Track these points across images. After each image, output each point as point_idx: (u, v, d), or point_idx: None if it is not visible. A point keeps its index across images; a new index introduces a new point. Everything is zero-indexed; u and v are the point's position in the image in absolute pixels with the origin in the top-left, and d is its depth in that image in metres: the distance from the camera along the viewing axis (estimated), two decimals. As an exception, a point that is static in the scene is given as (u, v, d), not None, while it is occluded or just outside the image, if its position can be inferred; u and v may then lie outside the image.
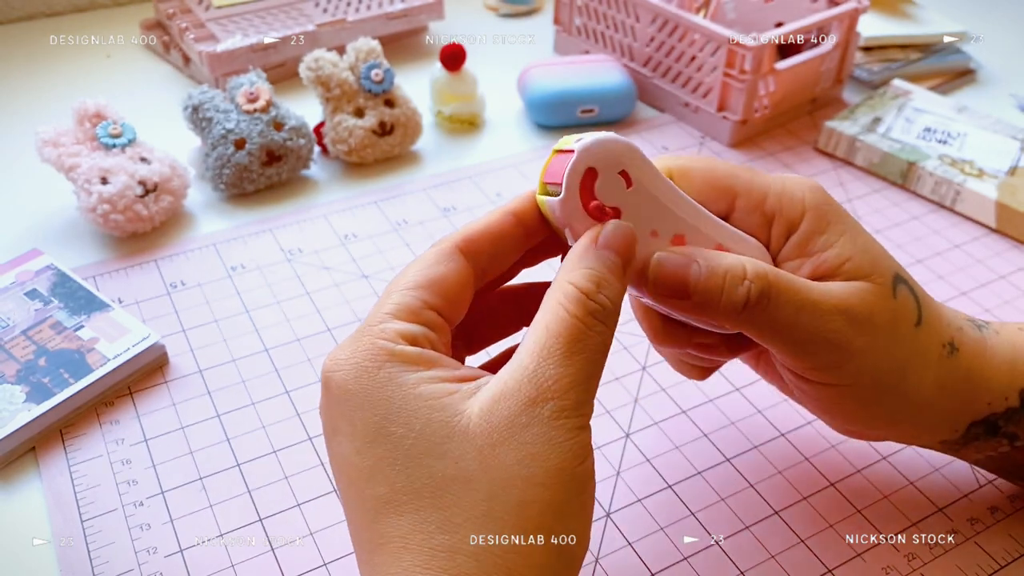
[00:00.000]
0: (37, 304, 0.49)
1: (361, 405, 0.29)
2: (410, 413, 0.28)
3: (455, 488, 0.27)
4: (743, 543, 0.40)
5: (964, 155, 0.64)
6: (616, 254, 0.30)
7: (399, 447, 0.28)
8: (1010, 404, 0.37)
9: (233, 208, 0.60)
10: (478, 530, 0.27)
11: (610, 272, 0.30)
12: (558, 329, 0.29)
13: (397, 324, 0.30)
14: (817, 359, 0.33)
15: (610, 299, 0.30)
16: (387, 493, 0.28)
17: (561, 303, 0.29)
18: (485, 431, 0.28)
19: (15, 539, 0.40)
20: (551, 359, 0.28)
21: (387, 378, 0.29)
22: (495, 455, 0.28)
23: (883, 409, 0.35)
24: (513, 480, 0.27)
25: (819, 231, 0.34)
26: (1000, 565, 0.40)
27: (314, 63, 0.61)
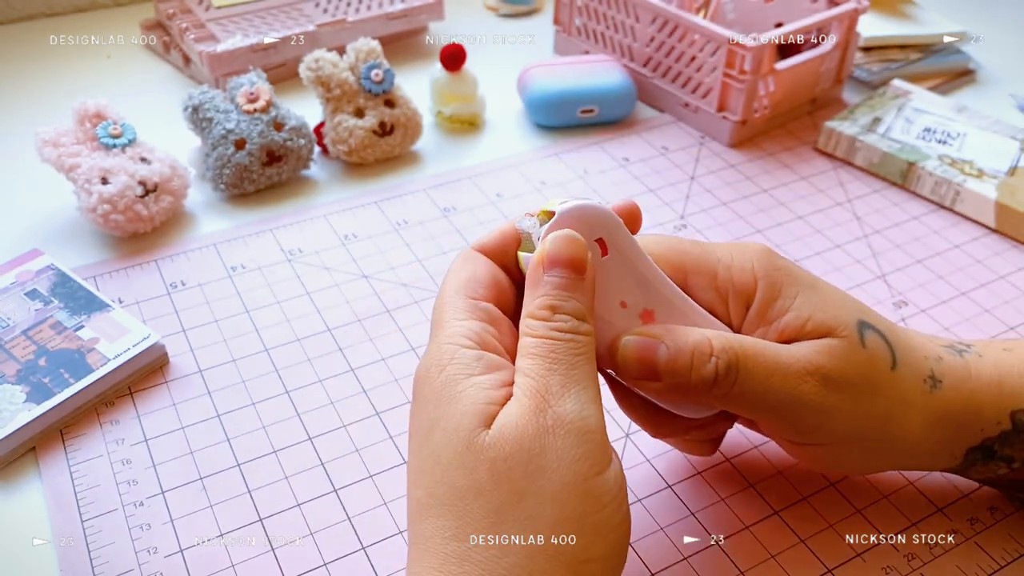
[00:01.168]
0: (37, 304, 0.49)
1: (421, 405, 0.31)
2: (450, 417, 0.30)
3: (468, 498, 0.29)
4: (743, 543, 0.40)
5: (964, 155, 0.64)
6: (564, 268, 0.31)
7: (435, 453, 0.30)
8: (1003, 428, 0.37)
9: (233, 208, 0.60)
10: (486, 539, 0.28)
11: (563, 289, 0.31)
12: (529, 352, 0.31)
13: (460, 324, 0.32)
14: (796, 423, 0.34)
15: (569, 313, 0.31)
16: (423, 497, 0.30)
17: (524, 332, 0.31)
18: (496, 445, 0.29)
19: (15, 539, 0.40)
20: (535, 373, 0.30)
21: (445, 380, 0.31)
22: (504, 468, 0.29)
23: (875, 456, 0.36)
24: (523, 495, 0.28)
25: (773, 298, 0.34)
26: (1000, 565, 0.40)
27: (314, 63, 0.61)
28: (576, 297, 0.31)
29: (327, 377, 0.48)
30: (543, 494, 0.28)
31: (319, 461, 0.43)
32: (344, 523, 0.41)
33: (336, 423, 0.45)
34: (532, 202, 0.61)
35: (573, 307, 0.31)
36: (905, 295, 0.55)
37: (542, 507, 0.28)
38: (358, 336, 0.50)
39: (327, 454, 0.44)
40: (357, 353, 0.49)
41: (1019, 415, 0.37)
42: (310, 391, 0.47)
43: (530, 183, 0.63)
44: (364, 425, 0.45)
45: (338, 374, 0.48)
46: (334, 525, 0.40)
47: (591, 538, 0.28)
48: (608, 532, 0.29)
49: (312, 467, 0.43)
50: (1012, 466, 0.38)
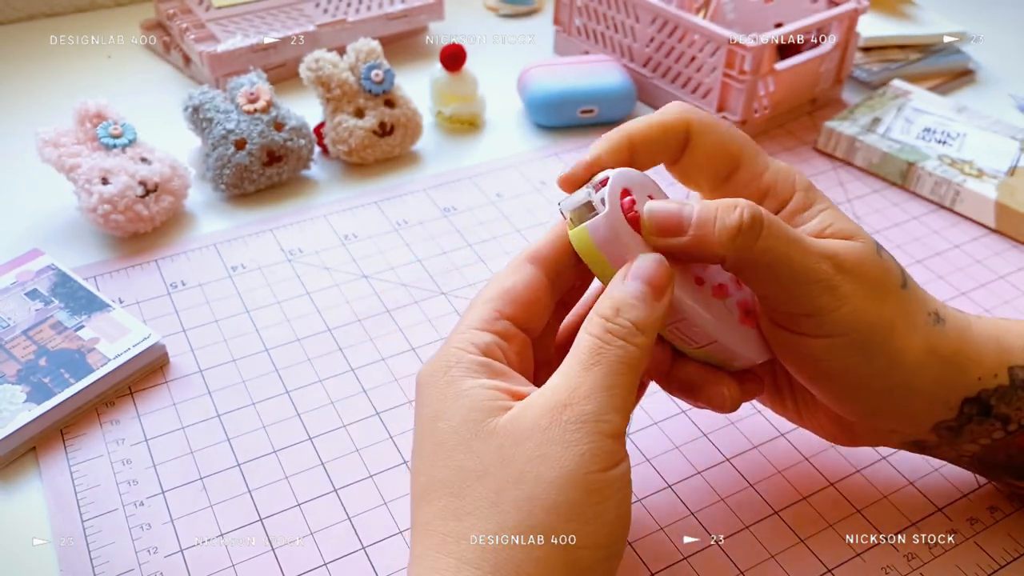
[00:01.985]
0: (38, 304, 0.49)
1: (423, 403, 0.33)
2: (454, 410, 0.31)
3: (471, 480, 0.30)
4: (743, 543, 0.40)
5: (964, 155, 0.64)
6: (643, 283, 0.32)
7: (438, 441, 0.31)
8: (1000, 382, 0.37)
9: (233, 208, 0.60)
10: (484, 519, 0.29)
11: (634, 298, 0.32)
12: (579, 348, 0.31)
13: (471, 333, 0.33)
14: (807, 301, 0.34)
15: (631, 320, 0.31)
16: (425, 483, 0.31)
17: (585, 328, 0.32)
18: (508, 431, 0.30)
19: (15, 539, 0.40)
20: (571, 372, 0.31)
21: (448, 381, 0.32)
22: (511, 452, 0.29)
23: (874, 370, 0.35)
24: (524, 476, 0.29)
25: (805, 207, 0.36)
26: (1000, 565, 0.40)
27: (314, 63, 0.61)
28: (645, 309, 0.32)
29: (327, 377, 0.48)
30: (543, 479, 0.29)
31: (319, 461, 0.43)
32: (344, 523, 0.41)
33: (336, 423, 0.45)
34: (532, 202, 0.61)
35: (638, 316, 0.31)
36: (905, 295, 0.55)
37: (540, 489, 0.29)
38: (358, 336, 0.50)
39: (327, 454, 0.44)
40: (357, 353, 0.49)
41: (1016, 371, 0.37)
42: (310, 391, 0.47)
43: (530, 183, 0.63)
44: (364, 425, 0.45)
45: (338, 374, 0.48)
46: (334, 525, 0.40)
47: (587, 528, 0.29)
48: (604, 525, 0.29)
49: (312, 467, 0.43)
50: (1008, 428, 0.37)
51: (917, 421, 0.37)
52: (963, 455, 0.39)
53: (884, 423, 0.38)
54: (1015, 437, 0.38)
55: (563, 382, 0.31)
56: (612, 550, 0.30)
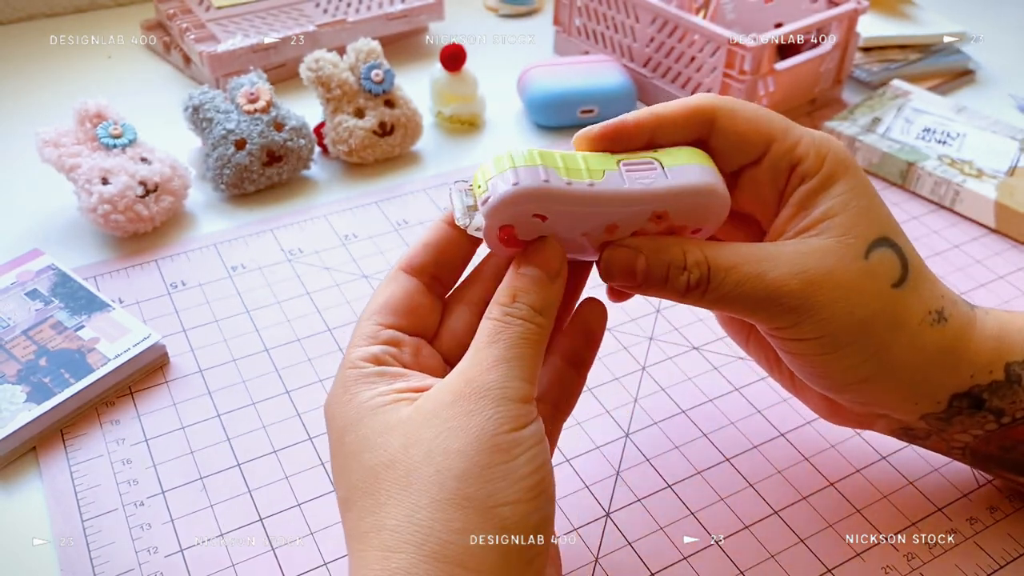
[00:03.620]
0: (38, 304, 0.49)
1: (331, 426, 0.33)
2: (358, 421, 0.31)
3: (380, 471, 0.30)
4: (743, 543, 0.40)
5: (963, 155, 0.64)
6: (535, 267, 0.33)
7: (348, 452, 0.31)
8: (995, 377, 0.37)
9: (234, 208, 0.60)
10: (398, 504, 0.29)
11: (528, 283, 0.32)
12: (480, 332, 0.32)
13: (358, 351, 0.33)
14: (776, 320, 0.34)
15: (529, 304, 0.32)
16: (344, 495, 0.31)
17: (485, 315, 0.33)
18: (413, 419, 0.30)
19: (15, 539, 0.40)
20: (472, 352, 0.31)
21: (349, 398, 0.32)
22: (417, 435, 0.30)
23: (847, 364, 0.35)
24: (431, 453, 0.29)
25: (823, 188, 0.36)
26: (1000, 565, 0.40)
27: (314, 63, 0.61)
28: (541, 292, 0.32)
29: (327, 377, 0.48)
30: (451, 450, 0.29)
31: (319, 461, 0.43)
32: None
33: (336, 423, 0.45)
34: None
35: (534, 299, 0.32)
36: (905, 295, 0.55)
37: (449, 461, 0.29)
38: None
39: (327, 454, 0.44)
40: (357, 353, 0.49)
41: (1013, 367, 0.37)
42: (310, 391, 0.47)
43: (530, 183, 0.63)
44: (364, 425, 0.45)
45: (338, 374, 0.48)
46: (334, 525, 0.40)
47: (500, 485, 0.29)
48: (519, 479, 0.29)
49: (312, 467, 0.43)
50: (1001, 420, 0.37)
51: (902, 410, 0.38)
52: (954, 446, 0.39)
53: (866, 409, 0.38)
54: (1009, 429, 0.38)
55: (464, 362, 0.31)
56: (536, 504, 0.29)
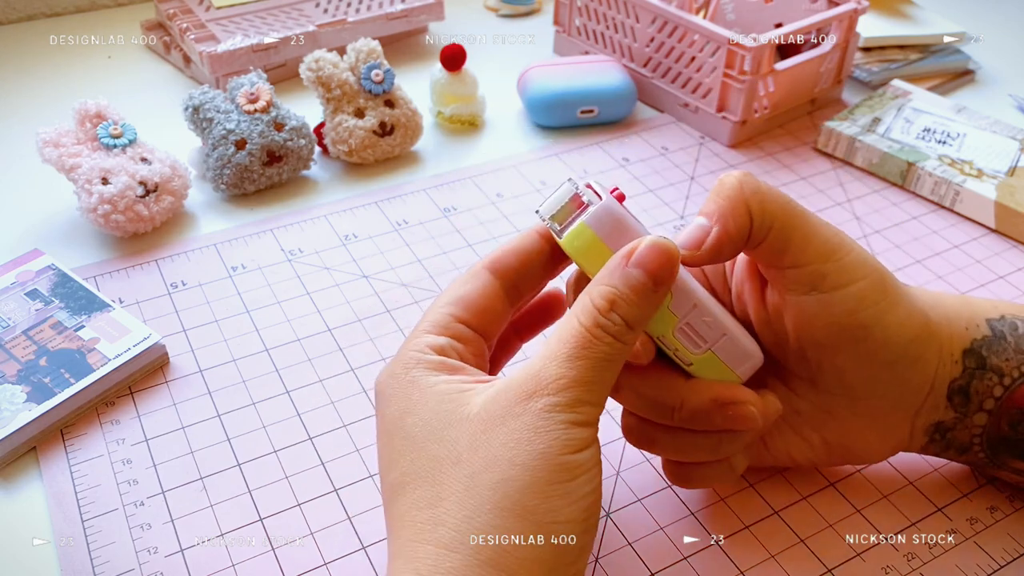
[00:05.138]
0: (38, 304, 0.49)
1: (388, 403, 0.33)
2: (423, 405, 0.31)
3: (445, 467, 0.30)
4: (743, 543, 0.40)
5: (963, 155, 0.64)
6: (645, 273, 0.31)
7: (409, 435, 0.31)
8: (984, 332, 0.38)
9: (234, 208, 0.60)
10: (459, 504, 0.29)
11: (632, 291, 0.31)
12: (566, 336, 0.31)
13: (427, 337, 0.34)
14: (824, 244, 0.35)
15: (624, 318, 0.31)
16: (397, 478, 0.31)
17: (575, 313, 0.31)
18: (481, 418, 0.30)
19: (16, 539, 0.40)
20: (555, 361, 0.30)
21: (411, 380, 0.32)
22: (485, 438, 0.30)
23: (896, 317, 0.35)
24: (497, 460, 0.29)
25: None
26: (1000, 565, 0.40)
27: (315, 64, 0.61)
28: (641, 305, 0.31)
29: (327, 377, 0.48)
30: (516, 462, 0.29)
31: (319, 461, 0.43)
32: (344, 523, 0.41)
33: (336, 423, 0.45)
34: (532, 202, 0.61)
35: (631, 313, 0.31)
36: (905, 295, 0.55)
37: (514, 472, 0.29)
38: (358, 336, 0.50)
39: (327, 454, 0.44)
40: (357, 353, 0.49)
41: (992, 323, 0.38)
42: (310, 391, 0.47)
43: (530, 183, 0.63)
44: (364, 425, 0.45)
45: (338, 374, 0.48)
46: (334, 525, 0.40)
47: (560, 503, 0.29)
48: (578, 499, 0.30)
49: (312, 467, 0.43)
50: (1003, 382, 0.38)
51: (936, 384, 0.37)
52: (975, 436, 0.39)
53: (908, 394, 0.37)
54: (1012, 395, 0.38)
55: (543, 368, 0.30)
56: (588, 524, 0.30)
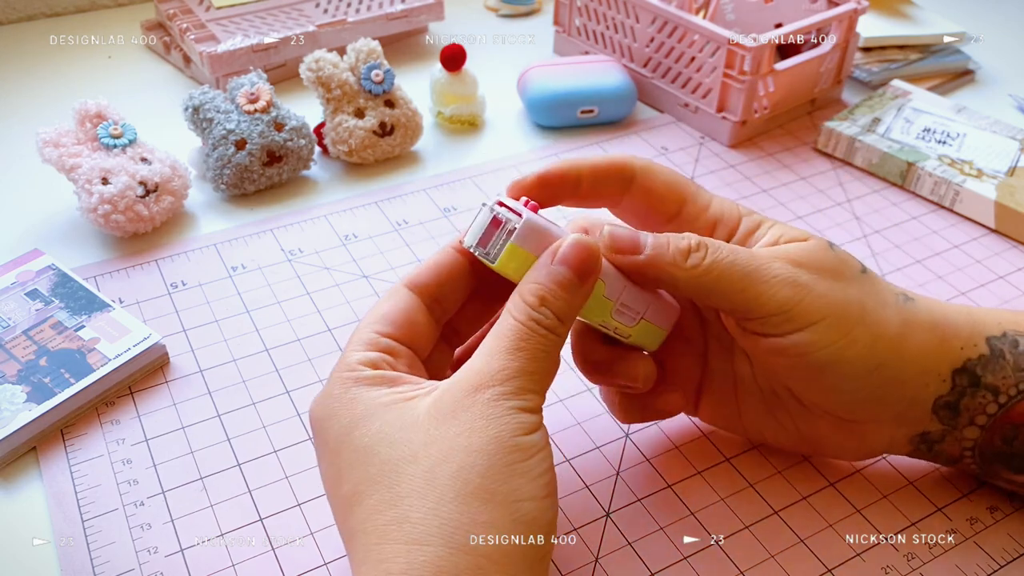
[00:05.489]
0: (38, 304, 0.49)
1: (329, 425, 0.33)
2: (369, 418, 0.32)
3: (402, 467, 0.30)
4: (743, 543, 0.40)
5: (963, 155, 0.64)
6: (569, 268, 0.33)
7: (358, 447, 0.31)
8: (981, 351, 0.38)
9: (234, 208, 0.60)
10: (422, 498, 0.29)
11: (559, 286, 0.33)
12: (503, 332, 0.32)
13: (357, 355, 0.34)
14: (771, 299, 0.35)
15: (555, 312, 0.33)
16: (350, 489, 0.31)
17: (508, 311, 0.33)
18: (432, 415, 0.31)
19: (16, 539, 0.40)
20: (495, 356, 0.32)
21: (352, 398, 0.33)
22: (438, 433, 0.31)
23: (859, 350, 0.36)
24: (453, 450, 0.30)
25: (755, 228, 0.38)
26: (1000, 565, 0.40)
27: (315, 64, 0.61)
28: (568, 299, 0.33)
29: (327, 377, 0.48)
30: (472, 448, 0.30)
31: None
32: (344, 523, 0.41)
33: (336, 423, 0.45)
34: (532, 202, 0.61)
35: (560, 307, 0.33)
36: (905, 295, 0.55)
37: (471, 458, 0.30)
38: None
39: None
40: (357, 353, 0.49)
41: (993, 340, 0.38)
42: (310, 391, 0.47)
43: (530, 183, 0.63)
44: (364, 425, 0.45)
45: (338, 374, 0.48)
46: (334, 525, 0.40)
47: (521, 481, 0.30)
48: (536, 476, 0.31)
49: (312, 467, 0.43)
50: (999, 400, 0.38)
51: (917, 400, 0.38)
52: (965, 449, 0.39)
53: (885, 409, 0.38)
54: (1008, 412, 0.38)
55: (486, 363, 0.32)
56: (550, 501, 0.31)
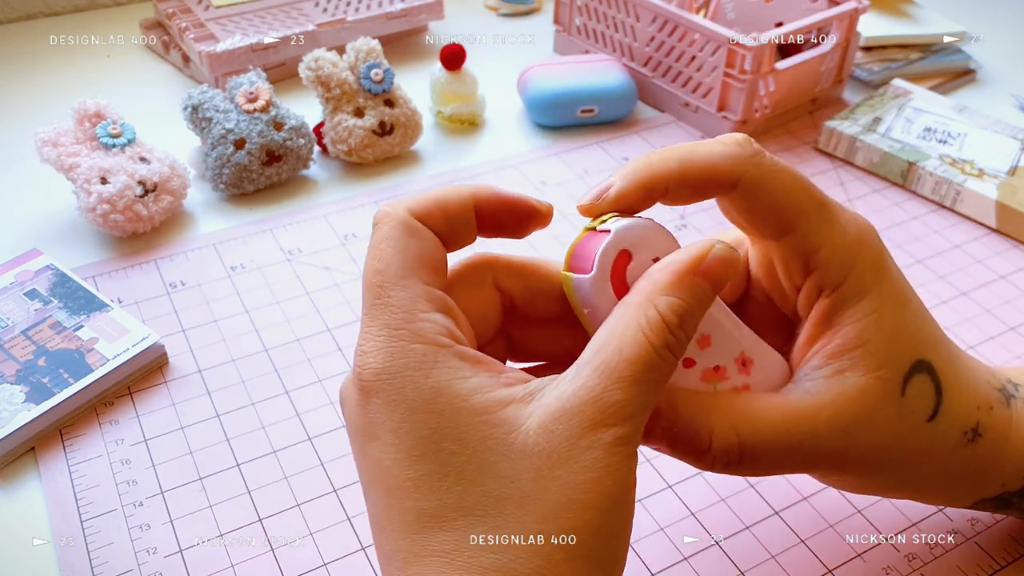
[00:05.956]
0: (37, 304, 0.49)
1: (408, 418, 0.28)
2: (464, 428, 0.27)
3: (509, 508, 0.27)
4: (743, 543, 0.40)
5: (964, 155, 0.64)
6: (710, 284, 0.29)
7: (451, 463, 0.27)
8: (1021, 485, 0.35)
9: (233, 208, 0.60)
10: (531, 553, 0.26)
11: (698, 304, 0.28)
12: (633, 355, 0.27)
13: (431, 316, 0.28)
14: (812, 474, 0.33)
15: (688, 334, 0.28)
16: (434, 507, 0.27)
17: (642, 326, 0.28)
18: (544, 451, 0.27)
19: (15, 539, 0.40)
20: (620, 384, 0.27)
21: (436, 390, 0.27)
22: (553, 477, 0.27)
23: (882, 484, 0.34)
24: (571, 504, 0.26)
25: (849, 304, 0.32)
26: (1000, 565, 0.40)
27: (314, 63, 0.61)
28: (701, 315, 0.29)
29: (327, 377, 0.48)
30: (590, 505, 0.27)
31: (319, 461, 0.43)
32: (344, 523, 0.40)
33: (336, 423, 0.45)
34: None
35: (691, 331, 0.29)
36: (905, 295, 0.55)
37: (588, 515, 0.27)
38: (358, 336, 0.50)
39: (327, 454, 0.44)
40: (357, 353, 0.49)
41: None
42: (310, 391, 0.47)
43: (530, 183, 0.63)
44: (364, 425, 0.45)
45: (338, 374, 0.48)
46: (334, 525, 0.40)
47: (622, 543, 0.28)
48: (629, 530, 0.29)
49: (312, 467, 0.43)
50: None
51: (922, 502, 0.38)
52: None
53: None
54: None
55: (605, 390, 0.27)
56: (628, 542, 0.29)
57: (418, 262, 0.29)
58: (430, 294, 0.29)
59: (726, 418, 0.30)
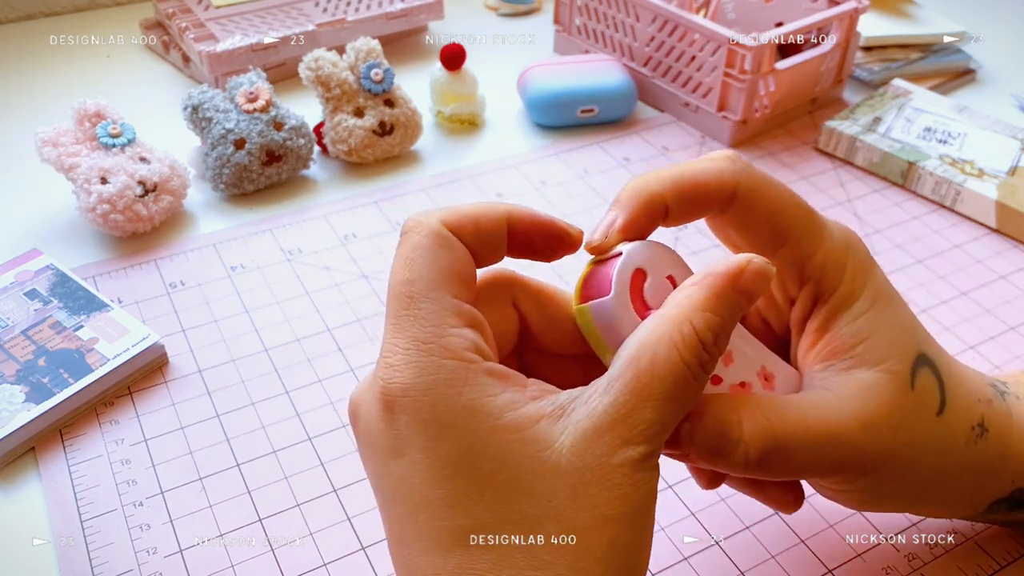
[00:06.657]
0: (37, 304, 0.49)
1: (441, 436, 0.27)
2: (499, 446, 0.27)
3: (547, 526, 0.26)
4: (743, 543, 0.40)
5: (964, 155, 0.64)
6: (747, 298, 0.28)
7: (487, 482, 0.27)
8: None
9: (233, 208, 0.60)
10: (571, 567, 0.26)
11: (732, 320, 0.28)
12: (666, 372, 0.27)
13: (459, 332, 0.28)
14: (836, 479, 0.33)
15: (720, 350, 0.28)
16: (470, 525, 0.27)
17: (676, 343, 0.27)
18: (578, 468, 0.27)
19: (15, 539, 0.40)
20: (650, 402, 0.27)
21: (469, 408, 0.27)
22: (587, 495, 0.27)
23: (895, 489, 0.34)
24: (606, 520, 0.27)
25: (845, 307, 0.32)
26: (1000, 565, 0.40)
27: (314, 63, 0.61)
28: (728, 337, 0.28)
29: (327, 377, 0.48)
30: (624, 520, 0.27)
31: (319, 461, 0.43)
32: (344, 523, 0.40)
33: (336, 423, 0.45)
34: (533, 202, 0.61)
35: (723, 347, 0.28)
36: (906, 295, 0.54)
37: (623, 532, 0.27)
38: (358, 336, 0.50)
39: (327, 454, 0.44)
40: (357, 353, 0.49)
41: None
42: (310, 391, 0.47)
43: (530, 183, 0.63)
44: (364, 425, 0.45)
45: (338, 374, 0.48)
46: (334, 525, 0.40)
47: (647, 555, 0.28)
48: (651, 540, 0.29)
49: (312, 467, 0.43)
50: None
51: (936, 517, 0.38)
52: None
53: None
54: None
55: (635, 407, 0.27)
56: None
57: (449, 275, 0.28)
58: (459, 308, 0.28)
59: (755, 409, 0.30)
